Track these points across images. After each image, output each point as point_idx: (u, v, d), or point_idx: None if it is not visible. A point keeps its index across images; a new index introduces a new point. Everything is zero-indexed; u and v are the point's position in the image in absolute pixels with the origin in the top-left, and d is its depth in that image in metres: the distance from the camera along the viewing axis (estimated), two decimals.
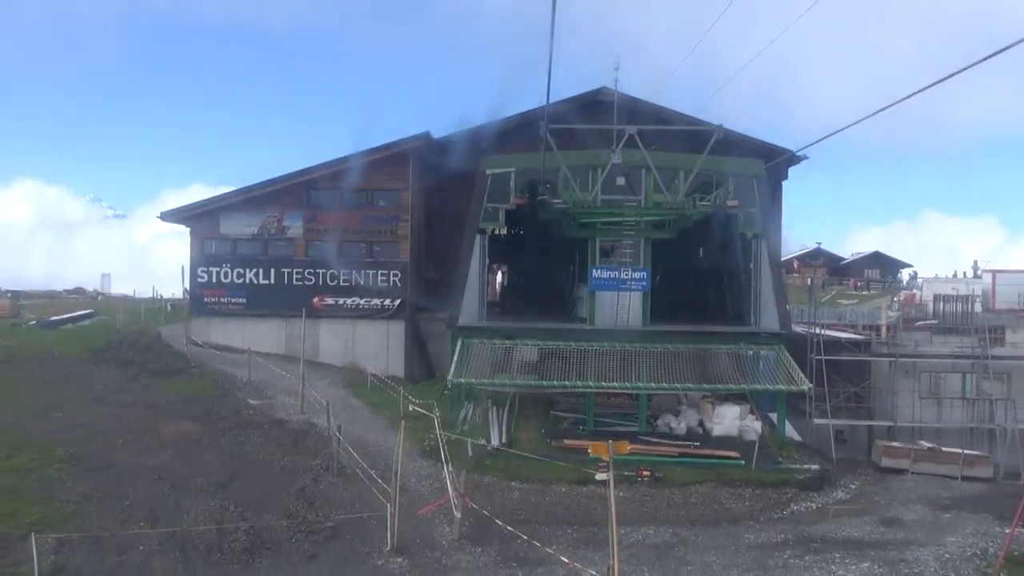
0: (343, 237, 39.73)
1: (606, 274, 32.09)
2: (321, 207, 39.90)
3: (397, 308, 39.40)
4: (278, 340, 39.68)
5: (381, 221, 39.62)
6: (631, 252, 31.94)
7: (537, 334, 32.32)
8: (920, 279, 72.40)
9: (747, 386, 29.53)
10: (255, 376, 35.96)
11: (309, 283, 39.57)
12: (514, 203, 32.13)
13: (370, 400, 34.62)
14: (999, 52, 10.90)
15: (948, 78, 11.79)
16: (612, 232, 32.04)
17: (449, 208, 37.68)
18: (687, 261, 43.48)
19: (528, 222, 36.42)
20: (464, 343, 31.59)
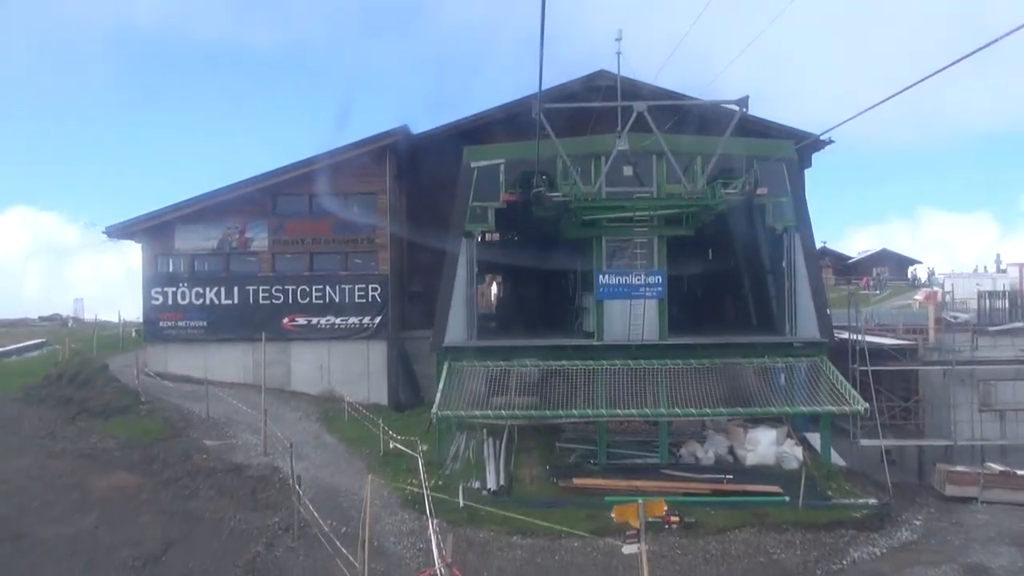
0: (314, 248, 34.96)
1: (615, 280, 27.27)
2: (288, 215, 35.08)
3: (378, 327, 34.54)
4: (244, 367, 34.82)
5: (357, 229, 34.79)
6: (643, 253, 27.13)
7: (537, 353, 27.51)
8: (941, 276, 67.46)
9: (790, 408, 24.58)
10: (215, 411, 31.08)
11: (277, 302, 34.72)
12: (504, 200, 27.34)
13: (346, 435, 29.73)
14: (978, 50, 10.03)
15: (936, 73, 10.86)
16: (621, 230, 27.24)
17: (434, 212, 32.82)
18: (705, 262, 38.65)
19: (522, 223, 31.61)
20: (451, 367, 26.75)
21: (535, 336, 29.43)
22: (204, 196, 34.40)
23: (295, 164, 34.28)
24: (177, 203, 34.45)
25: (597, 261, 27.54)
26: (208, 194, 34.33)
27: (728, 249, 36.39)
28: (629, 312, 26.64)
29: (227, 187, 34.35)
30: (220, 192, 34.30)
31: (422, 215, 35.58)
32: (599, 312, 27.61)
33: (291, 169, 34.29)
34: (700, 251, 38.74)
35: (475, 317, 27.99)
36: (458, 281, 27.61)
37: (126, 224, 34.62)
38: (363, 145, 34.17)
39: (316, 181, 34.46)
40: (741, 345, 27.78)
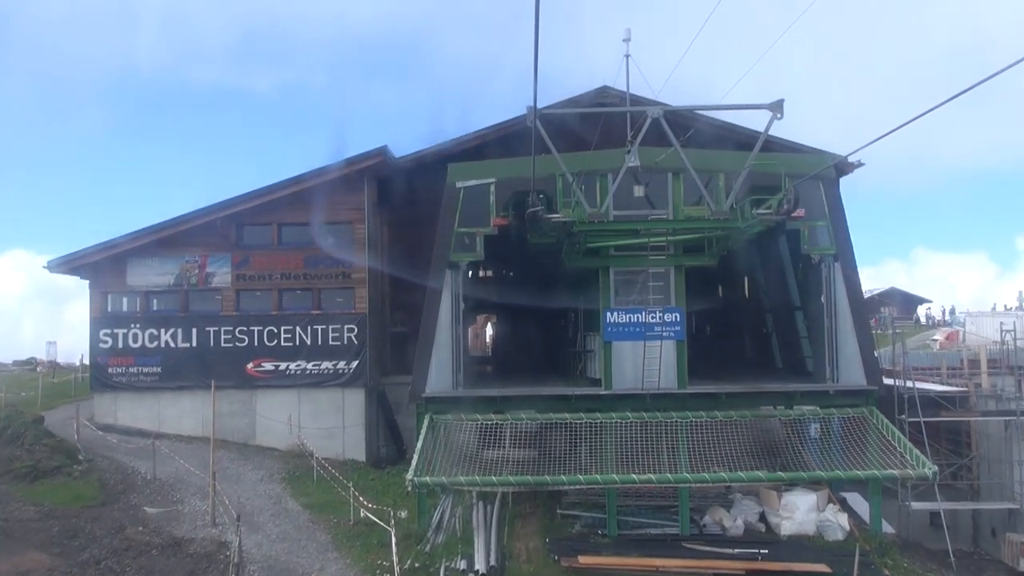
0: (283, 284, 30.79)
1: (625, 318, 23.18)
2: (254, 248, 30.98)
3: (355, 372, 30.29)
4: (203, 419, 30.42)
5: (331, 263, 30.68)
6: (658, 286, 22.99)
7: (534, 403, 23.34)
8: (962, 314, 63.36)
9: (842, 473, 20.22)
10: (164, 470, 26.75)
11: (241, 344, 30.48)
12: (495, 225, 23.25)
13: (313, 500, 25.35)
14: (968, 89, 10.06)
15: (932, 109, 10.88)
16: (632, 260, 23.17)
17: (419, 244, 28.73)
18: (720, 297, 34.56)
19: (517, 252, 27.51)
20: (433, 421, 22.48)
21: (533, 383, 25.17)
22: (159, 226, 30.33)
23: (261, 190, 30.28)
24: (129, 233, 30.35)
25: (604, 296, 23.43)
26: (164, 223, 30.27)
27: (748, 282, 32.30)
28: (643, 356, 22.44)
29: (185, 216, 30.30)
30: (177, 221, 30.23)
31: (405, 247, 31.55)
32: (607, 356, 23.40)
33: (256, 196, 30.26)
34: (714, 285, 34.70)
35: (461, 361, 23.76)
36: (442, 319, 23.45)
37: (71, 257, 30.45)
38: (337, 168, 30.17)
39: (285, 209, 30.51)
40: (774, 394, 23.52)
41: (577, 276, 26.60)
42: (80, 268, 30.76)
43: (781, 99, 20.02)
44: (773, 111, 19.93)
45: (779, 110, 19.93)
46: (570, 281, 27.95)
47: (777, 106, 19.94)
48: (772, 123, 19.90)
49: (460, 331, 23.63)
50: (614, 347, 23.34)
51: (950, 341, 58.52)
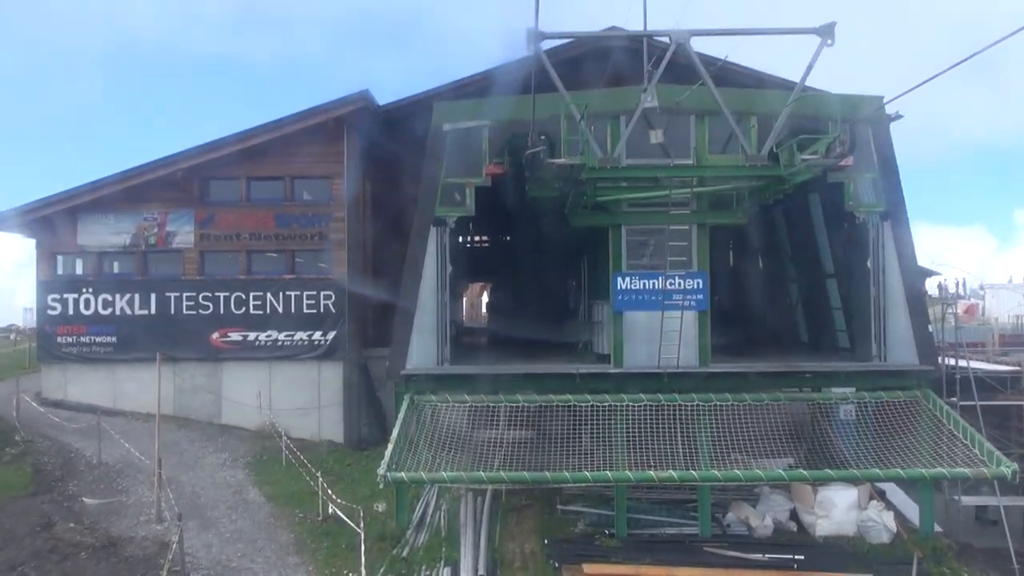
0: (253, 246, 27.22)
1: (639, 284, 19.66)
2: (220, 204, 27.37)
3: (332, 343, 26.81)
4: (163, 394, 26.90)
5: (307, 221, 27.13)
6: (679, 247, 19.44)
7: (532, 383, 19.80)
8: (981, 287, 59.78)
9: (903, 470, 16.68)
10: (113, 453, 23.40)
11: (206, 312, 26.98)
12: (489, 175, 19.60)
13: (279, 489, 22.01)
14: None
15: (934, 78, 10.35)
16: (648, 216, 19.61)
17: (405, 203, 25.14)
18: (741, 264, 31.01)
19: (514, 208, 23.80)
20: (414, 403, 18.99)
21: (531, 359, 21.67)
22: (113, 178, 26.68)
23: (228, 139, 26.60)
24: (79, 187, 26.71)
25: (615, 259, 19.86)
26: (117, 175, 26.60)
27: (768, 246, 28.70)
28: (660, 328, 18.90)
29: (142, 167, 26.62)
30: (132, 173, 26.56)
31: (391, 206, 27.90)
32: (617, 328, 19.88)
33: (223, 145, 26.58)
34: (725, 249, 31.11)
35: (448, 333, 20.21)
36: (425, 284, 19.88)
37: (12, 214, 26.79)
38: (313, 115, 26.49)
39: (255, 161, 26.88)
40: (813, 375, 20.03)
41: (582, 236, 23.08)
42: (26, 226, 27.13)
43: (832, 22, 16.45)
44: (822, 36, 16.33)
45: (829, 35, 16.37)
46: (574, 242, 24.48)
47: (827, 30, 16.37)
48: (821, 51, 16.30)
49: (446, 298, 20.06)
50: (625, 318, 19.81)
51: (969, 315, 55.12)
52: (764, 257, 30.01)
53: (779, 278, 28.85)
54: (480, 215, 20.46)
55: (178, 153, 26.56)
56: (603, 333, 21.03)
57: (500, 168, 19.27)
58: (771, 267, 29.43)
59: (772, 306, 29.52)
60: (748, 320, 29.80)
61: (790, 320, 28.27)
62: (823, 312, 25.19)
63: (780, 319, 28.97)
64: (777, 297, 29.12)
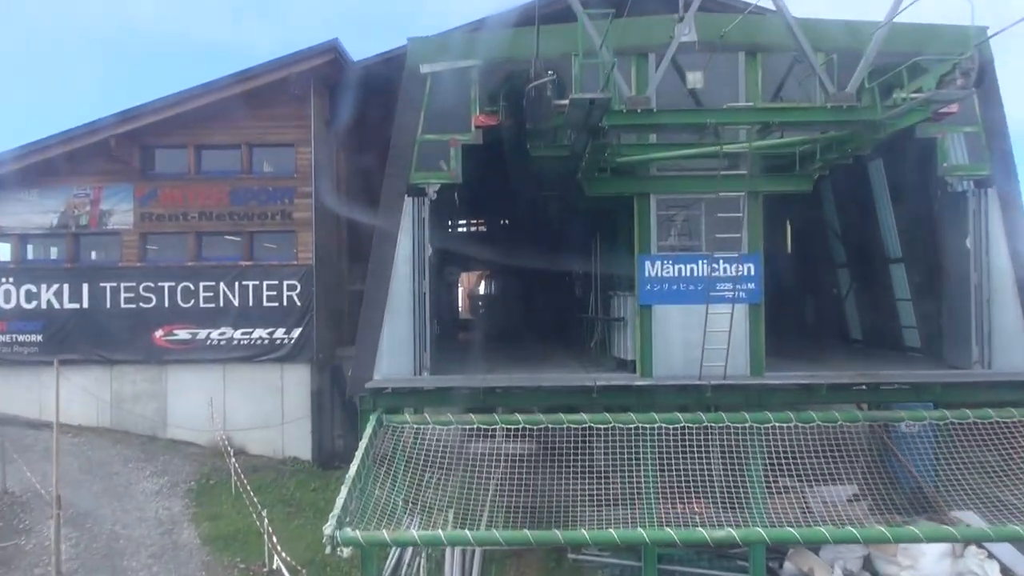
0: (203, 226, 22.55)
1: (674, 270, 15.01)
2: (164, 177, 22.72)
3: (297, 343, 22.18)
4: (98, 403, 22.48)
5: (268, 197, 22.48)
6: (726, 222, 14.75)
7: (536, 397, 15.16)
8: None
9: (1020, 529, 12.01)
10: (20, 480, 18.78)
11: (148, 306, 22.32)
12: (479, 127, 14.87)
13: (220, 529, 17.43)
14: None
15: None
16: (686, 182, 14.90)
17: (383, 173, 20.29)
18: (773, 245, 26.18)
19: (509, 173, 19.02)
20: (382, 425, 14.33)
21: (534, 365, 17.05)
22: (35, 145, 21.98)
23: (173, 97, 21.90)
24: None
25: (642, 238, 15.16)
26: (39, 143, 21.92)
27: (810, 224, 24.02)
28: (704, 328, 14.21)
29: (70, 132, 21.94)
30: (58, 140, 21.89)
31: (368, 180, 22.99)
32: (644, 327, 15.20)
33: (166, 105, 21.87)
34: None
35: (429, 334, 15.52)
36: (398, 272, 15.23)
37: None
38: (271, 70, 21.78)
39: (206, 126, 22.23)
40: (897, 388, 15.34)
41: (597, 210, 18.41)
42: None
43: None
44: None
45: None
46: (585, 219, 19.81)
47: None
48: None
49: (426, 288, 15.39)
50: (655, 315, 15.15)
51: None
52: (802, 238, 25.26)
53: (822, 264, 24.19)
54: (469, 183, 15.79)
55: (112, 116, 21.85)
56: (625, 333, 16.32)
57: (493, 119, 14.55)
58: (812, 250, 24.68)
59: (813, 297, 24.86)
60: (782, 314, 25.01)
61: (836, 314, 23.64)
62: (883, 304, 20.59)
63: (823, 313, 24.34)
64: (819, 286, 24.47)
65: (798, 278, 24.83)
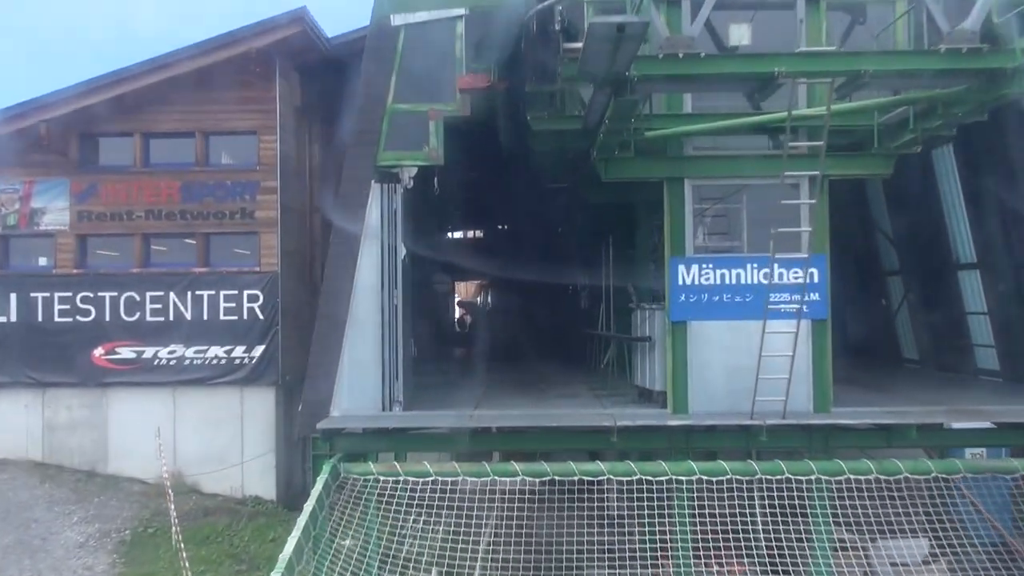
0: (151, 227, 19.10)
1: (715, 275, 11.57)
2: (107, 171, 19.26)
3: (260, 363, 18.69)
4: (28, 432, 18.98)
5: (226, 193, 19.03)
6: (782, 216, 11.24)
7: (536, 440, 11.63)
8: None
9: None
10: None
11: (86, 320, 18.84)
12: (465, 88, 11.35)
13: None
14: None
15: None
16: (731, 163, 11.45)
17: None
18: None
19: (504, 157, 15.41)
20: (339, 478, 10.83)
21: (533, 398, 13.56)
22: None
23: (113, 74, 18.52)
24: None
25: (674, 236, 11.65)
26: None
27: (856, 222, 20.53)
28: (758, 351, 10.69)
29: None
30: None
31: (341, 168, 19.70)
32: (677, 349, 11.69)
33: (107, 84, 18.43)
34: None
35: (401, 360, 12.00)
36: (361, 279, 11.74)
37: None
38: (229, 44, 18.36)
39: (154, 110, 18.82)
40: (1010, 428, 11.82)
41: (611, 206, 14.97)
42: None
43: None
44: None
45: None
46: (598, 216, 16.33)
47: None
48: None
49: (398, 301, 11.91)
50: (692, 332, 11.65)
51: None
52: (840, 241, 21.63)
53: (867, 271, 20.73)
54: (455, 168, 12.36)
55: (44, 96, 18.48)
56: (650, 356, 12.78)
57: (483, 81, 11.05)
58: (853, 255, 21.15)
59: (855, 310, 21.34)
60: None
61: (884, 329, 20.19)
62: (948, 318, 17.14)
63: (868, 328, 20.82)
64: (863, 298, 20.99)
65: (836, 288, 21.22)
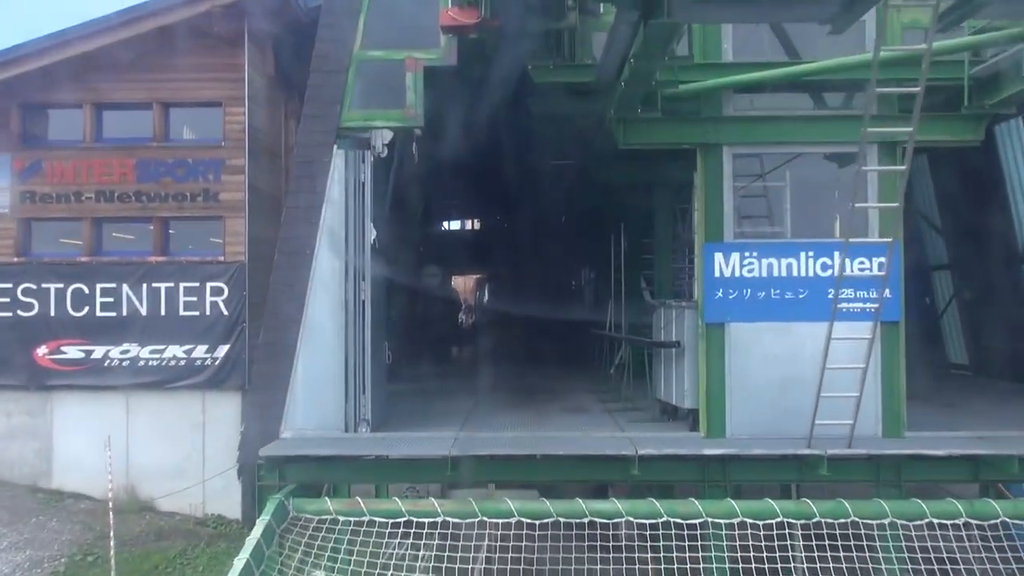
0: (102, 210, 16.72)
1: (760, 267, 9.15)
2: (52, 146, 16.87)
3: (224, 364, 16.29)
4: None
5: (186, 172, 16.64)
6: (847, 192, 8.79)
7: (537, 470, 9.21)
8: None
9: None
10: None
11: (28, 315, 16.47)
12: (449, 25, 8.86)
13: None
14: None
15: None
16: (781, 126, 9.04)
17: None
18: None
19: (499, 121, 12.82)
20: (285, 518, 8.42)
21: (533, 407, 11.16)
22: None
23: (62, 34, 16.14)
24: None
25: (709, 217, 9.26)
26: None
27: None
28: (822, 360, 8.30)
29: None
30: None
31: None
32: (713, 356, 9.29)
33: (53, 48, 16.09)
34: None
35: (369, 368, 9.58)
36: (320, 268, 9.36)
37: None
38: (194, 1, 16.00)
39: (107, 77, 16.42)
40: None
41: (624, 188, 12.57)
42: None
43: None
44: None
45: None
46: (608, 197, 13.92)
47: None
48: None
49: (365, 295, 9.51)
50: (731, 337, 9.26)
51: None
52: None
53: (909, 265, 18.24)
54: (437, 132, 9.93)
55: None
56: (677, 366, 10.36)
57: (472, 15, 8.58)
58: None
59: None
60: None
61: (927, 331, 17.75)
62: (1010, 320, 14.75)
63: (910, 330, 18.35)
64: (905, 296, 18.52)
65: None
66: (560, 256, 18.84)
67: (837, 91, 9.13)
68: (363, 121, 9.40)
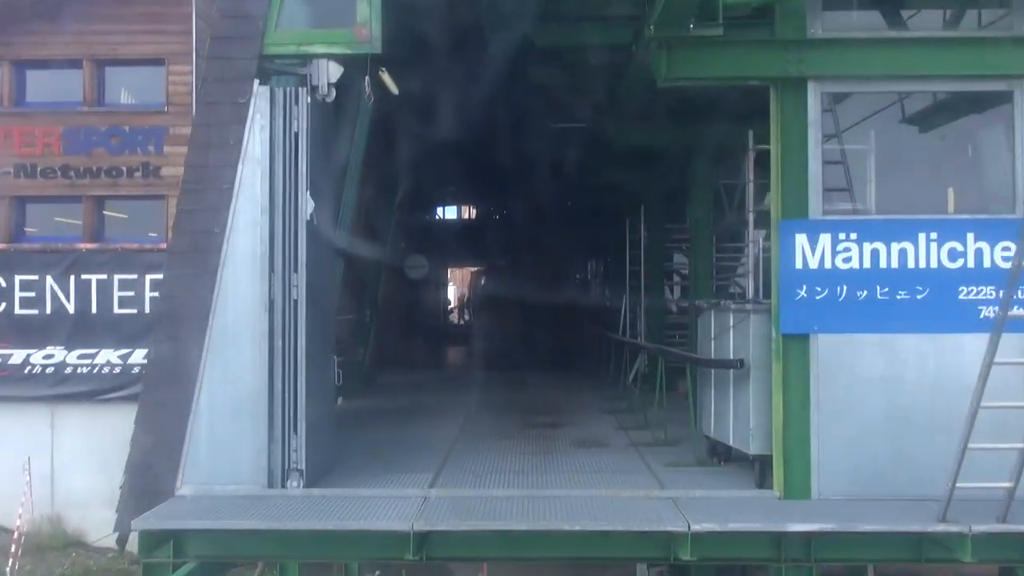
0: (23, 189, 14.24)
1: (861, 254, 6.28)
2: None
3: None
4: None
5: (123, 142, 14.17)
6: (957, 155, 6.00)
7: (540, 546, 6.34)
8: None
9: None
10: None
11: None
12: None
13: None
14: None
15: None
16: (897, 53, 6.20)
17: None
18: None
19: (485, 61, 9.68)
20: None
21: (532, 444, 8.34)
22: None
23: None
24: None
25: (787, 185, 6.45)
26: None
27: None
28: (976, 394, 5.50)
29: None
30: None
31: None
32: (793, 381, 6.47)
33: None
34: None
35: (303, 396, 6.76)
36: (232, 256, 6.53)
37: None
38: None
39: (30, 30, 13.92)
40: None
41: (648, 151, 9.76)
42: None
43: None
44: None
45: None
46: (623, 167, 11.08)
47: None
48: None
49: (302, 292, 6.70)
50: (821, 353, 6.42)
51: None
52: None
53: None
54: (402, 68, 7.07)
55: None
56: (738, 394, 7.35)
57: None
58: None
59: None
60: None
61: None
62: None
63: None
64: None
65: None
66: (562, 244, 16.07)
67: (976, 4, 6.33)
68: (295, 46, 6.56)
